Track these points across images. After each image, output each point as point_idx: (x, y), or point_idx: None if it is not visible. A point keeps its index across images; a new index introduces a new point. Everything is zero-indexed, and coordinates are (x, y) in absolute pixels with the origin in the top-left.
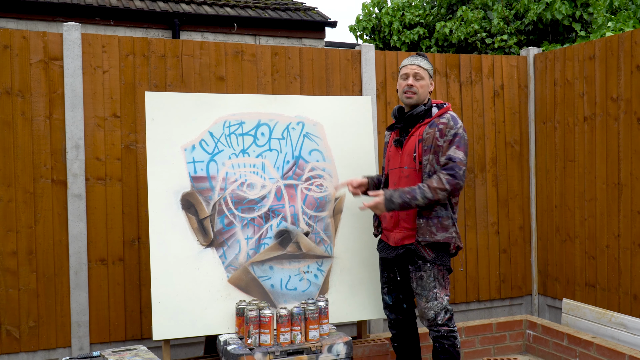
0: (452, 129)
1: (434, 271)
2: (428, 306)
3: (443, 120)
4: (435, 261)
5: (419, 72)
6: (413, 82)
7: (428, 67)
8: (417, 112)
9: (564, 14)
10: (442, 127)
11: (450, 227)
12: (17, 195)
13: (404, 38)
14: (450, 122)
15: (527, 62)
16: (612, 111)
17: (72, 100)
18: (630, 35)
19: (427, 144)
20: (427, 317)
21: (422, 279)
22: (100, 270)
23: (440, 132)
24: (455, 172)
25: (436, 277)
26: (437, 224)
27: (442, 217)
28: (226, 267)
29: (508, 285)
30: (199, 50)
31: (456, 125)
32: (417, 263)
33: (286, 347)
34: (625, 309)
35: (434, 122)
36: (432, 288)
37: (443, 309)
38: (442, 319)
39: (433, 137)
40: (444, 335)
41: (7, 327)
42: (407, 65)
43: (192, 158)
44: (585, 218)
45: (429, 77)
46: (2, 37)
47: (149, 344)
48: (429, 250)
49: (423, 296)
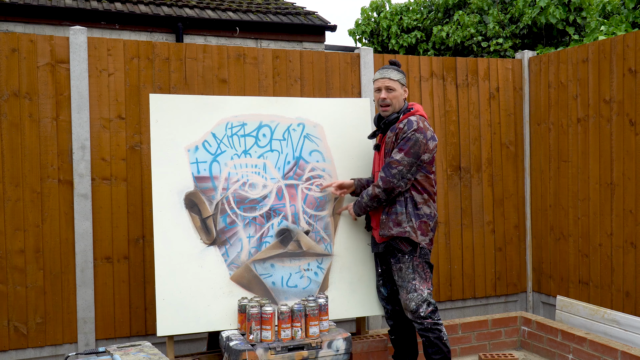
0: (403, 133)
1: (413, 263)
2: (409, 297)
3: (400, 125)
4: (413, 253)
5: (389, 84)
6: (385, 95)
7: (399, 77)
8: (389, 119)
9: (558, 18)
10: (398, 131)
11: (403, 222)
12: (25, 195)
13: (401, 41)
14: (405, 127)
15: (522, 65)
16: (605, 113)
17: (79, 102)
18: (622, 38)
19: (388, 148)
20: (410, 309)
21: (401, 270)
22: (105, 267)
23: (396, 136)
24: (388, 171)
25: (415, 270)
26: (393, 220)
27: (398, 213)
28: (228, 265)
29: (503, 282)
30: (202, 53)
31: (409, 130)
32: (397, 256)
33: (287, 343)
34: (617, 306)
35: (394, 127)
36: (411, 279)
37: (424, 301)
38: (425, 311)
39: (391, 142)
40: (428, 327)
41: (15, 324)
42: (378, 79)
43: (195, 158)
44: (578, 217)
45: (400, 86)
46: (10, 41)
47: (153, 339)
48: (406, 243)
49: (403, 287)
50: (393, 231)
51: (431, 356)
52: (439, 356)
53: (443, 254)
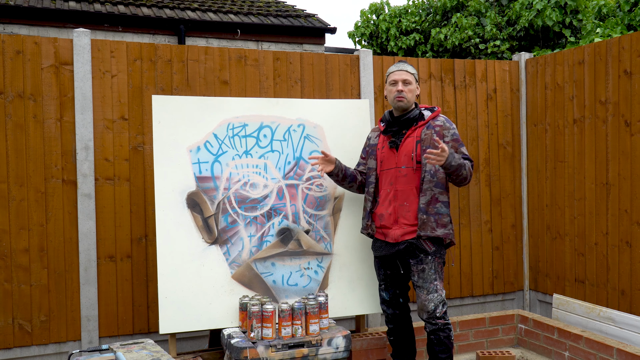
0: (449, 130)
1: (435, 264)
2: (429, 298)
3: (438, 122)
4: (436, 254)
5: (407, 77)
6: (402, 88)
7: (414, 72)
8: (412, 115)
9: (555, 20)
10: (439, 128)
11: (448, 224)
12: (29, 195)
13: (400, 44)
14: (446, 123)
15: (519, 67)
16: (601, 114)
17: (82, 104)
18: (618, 41)
19: (426, 144)
20: (427, 310)
21: (424, 271)
22: (109, 266)
23: (438, 133)
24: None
25: (436, 270)
26: (437, 221)
27: (442, 214)
28: (230, 264)
29: (500, 281)
30: (204, 55)
31: (452, 126)
32: (419, 256)
33: (287, 341)
34: (613, 304)
35: (430, 124)
36: (433, 280)
37: (442, 302)
38: (440, 311)
39: (431, 138)
40: (441, 327)
41: (20, 321)
42: (394, 71)
43: (197, 159)
44: (574, 216)
45: (415, 81)
46: (14, 43)
47: (156, 337)
48: (430, 243)
49: (424, 288)
50: (438, 232)
51: (438, 354)
52: (446, 354)
53: None
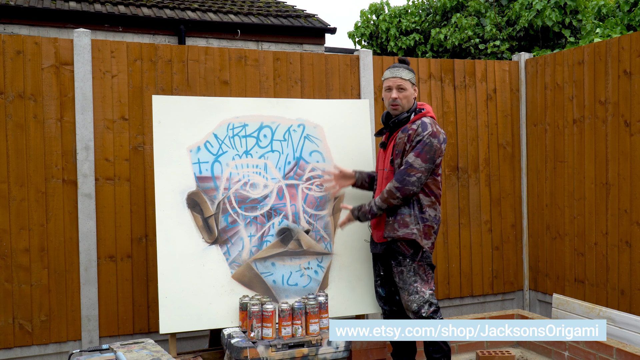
0: (418, 136)
1: (414, 266)
2: (410, 299)
3: (413, 126)
4: (414, 257)
5: (401, 84)
6: (397, 95)
7: (409, 76)
8: (399, 119)
9: (554, 20)
10: (411, 132)
11: (410, 224)
12: (30, 195)
13: (400, 44)
14: (419, 128)
15: (519, 67)
16: (600, 114)
17: (82, 104)
18: (617, 41)
19: (398, 149)
20: (411, 310)
21: (402, 273)
22: (109, 266)
23: (409, 137)
24: (404, 178)
25: (417, 272)
26: (399, 221)
27: (404, 214)
28: (230, 264)
29: (500, 281)
30: (204, 55)
31: (423, 132)
32: (397, 259)
33: (288, 340)
34: (612, 304)
35: (406, 128)
36: (412, 282)
37: (426, 302)
38: (427, 311)
39: (403, 142)
40: None
41: (20, 321)
42: (389, 78)
43: (197, 159)
44: (574, 216)
45: (411, 85)
46: (15, 43)
47: (156, 337)
48: (407, 247)
49: (405, 290)
50: (399, 232)
51: (432, 355)
52: (440, 355)
53: (441, 252)
